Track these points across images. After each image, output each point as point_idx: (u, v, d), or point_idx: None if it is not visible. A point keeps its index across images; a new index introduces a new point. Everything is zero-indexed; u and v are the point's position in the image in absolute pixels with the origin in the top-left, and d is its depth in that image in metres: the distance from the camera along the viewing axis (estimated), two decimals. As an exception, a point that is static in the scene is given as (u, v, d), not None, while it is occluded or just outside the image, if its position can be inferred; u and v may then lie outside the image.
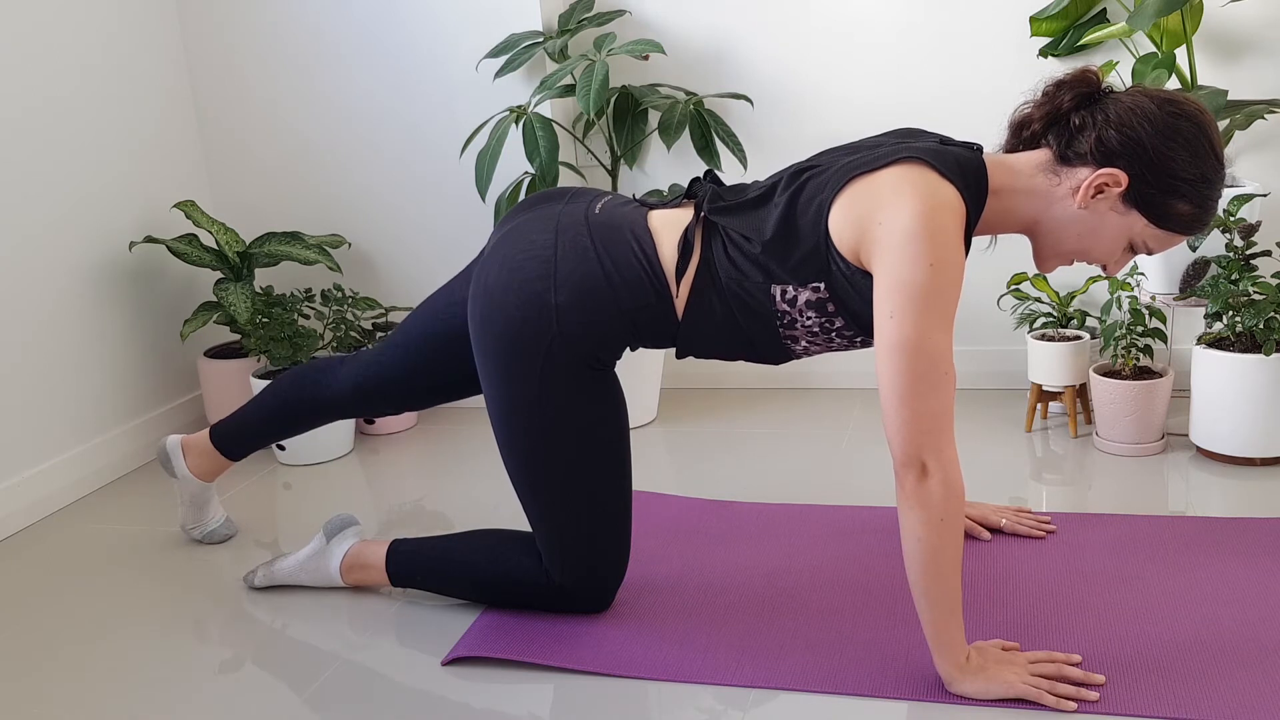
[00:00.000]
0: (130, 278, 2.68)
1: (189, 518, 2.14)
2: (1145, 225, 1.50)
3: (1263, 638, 1.56)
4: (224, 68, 2.87)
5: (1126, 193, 1.47)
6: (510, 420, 1.65)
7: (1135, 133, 1.45)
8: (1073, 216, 1.51)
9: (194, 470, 2.06)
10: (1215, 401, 2.15)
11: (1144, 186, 1.46)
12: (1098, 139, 1.46)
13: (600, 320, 1.59)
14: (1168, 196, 1.47)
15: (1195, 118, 1.46)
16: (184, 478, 2.07)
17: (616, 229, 1.62)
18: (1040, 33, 2.47)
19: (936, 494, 1.40)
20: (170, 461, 2.07)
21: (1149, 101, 1.46)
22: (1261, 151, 2.48)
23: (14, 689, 1.70)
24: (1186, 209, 1.48)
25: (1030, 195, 1.52)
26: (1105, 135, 1.46)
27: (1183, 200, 1.47)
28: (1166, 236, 1.52)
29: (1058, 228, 1.53)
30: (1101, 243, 1.52)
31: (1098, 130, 1.47)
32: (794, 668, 1.57)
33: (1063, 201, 1.51)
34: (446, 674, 1.65)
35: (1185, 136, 1.45)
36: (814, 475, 2.30)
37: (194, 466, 2.06)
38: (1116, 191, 1.47)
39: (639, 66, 2.81)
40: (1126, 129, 1.45)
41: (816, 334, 1.58)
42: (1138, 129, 1.45)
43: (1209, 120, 1.47)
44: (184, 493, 2.11)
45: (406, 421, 2.79)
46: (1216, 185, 1.48)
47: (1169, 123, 1.45)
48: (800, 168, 1.57)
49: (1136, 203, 1.48)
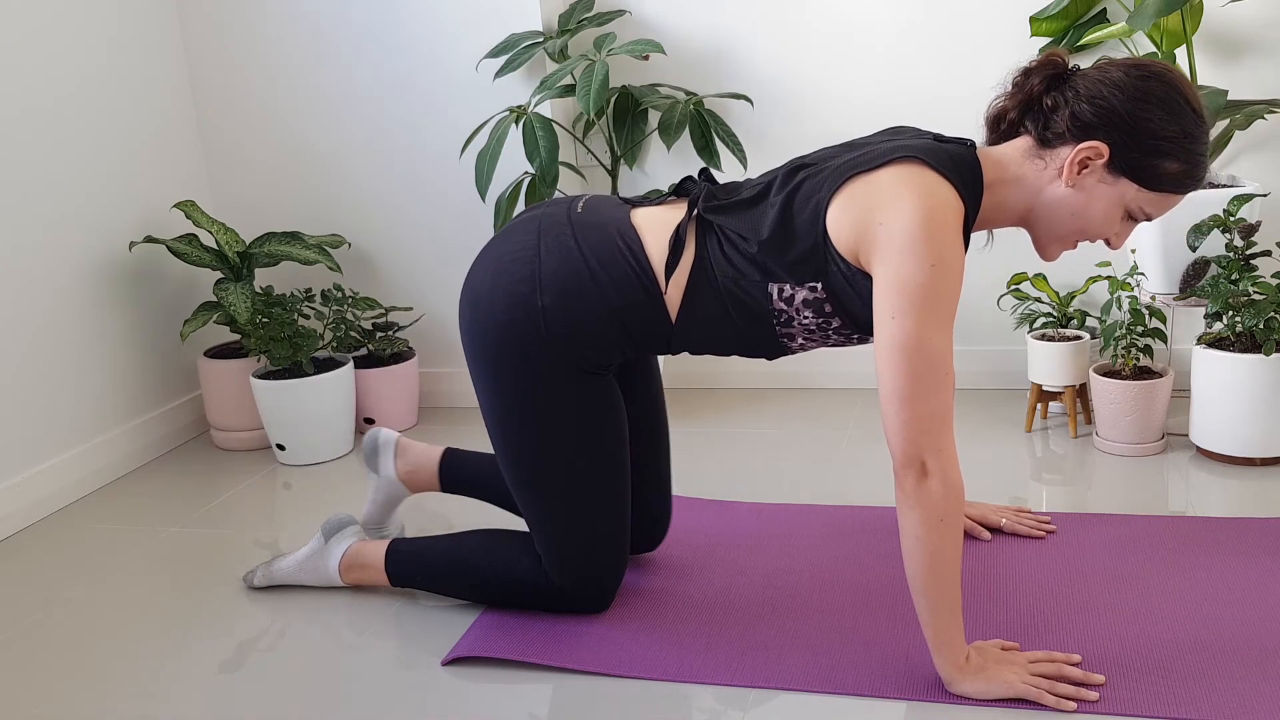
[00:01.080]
0: (130, 278, 2.68)
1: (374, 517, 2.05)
2: (1137, 191, 1.48)
3: (1263, 638, 1.56)
4: (224, 68, 2.87)
5: (1111, 162, 1.46)
6: (503, 424, 1.65)
7: (1107, 102, 1.44)
8: (1063, 196, 1.50)
9: (402, 475, 1.99)
10: (1215, 401, 2.15)
11: (1127, 152, 1.45)
12: (1071, 115, 1.46)
13: (588, 320, 1.59)
14: (1152, 158, 1.45)
15: (1163, 76, 1.45)
16: (388, 479, 2.00)
17: (600, 227, 1.62)
18: (1040, 33, 2.47)
19: (936, 494, 1.40)
20: (377, 457, 2.00)
21: (1116, 70, 1.46)
22: (1261, 151, 2.48)
23: (14, 689, 1.70)
24: (1174, 166, 1.46)
25: (1019, 184, 1.52)
26: (1078, 110, 1.46)
27: (1168, 159, 1.45)
28: (1161, 198, 1.50)
29: (1050, 211, 1.52)
30: (1096, 216, 1.51)
31: (1070, 106, 1.47)
32: (794, 668, 1.57)
33: (1052, 185, 1.50)
34: (446, 674, 1.65)
35: (1157, 96, 1.44)
36: (814, 475, 2.30)
37: (404, 473, 1.99)
38: (1101, 163, 1.46)
39: (639, 66, 2.80)
40: (1098, 100, 1.45)
41: (813, 332, 1.58)
42: (1109, 97, 1.44)
43: (1179, 76, 1.46)
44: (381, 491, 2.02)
45: (407, 421, 2.79)
46: (1199, 139, 1.46)
47: (1138, 85, 1.44)
48: (795, 166, 1.57)
49: (1123, 169, 1.47)
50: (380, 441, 2.00)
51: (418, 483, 2.00)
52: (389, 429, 1.99)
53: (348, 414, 2.63)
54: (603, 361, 1.63)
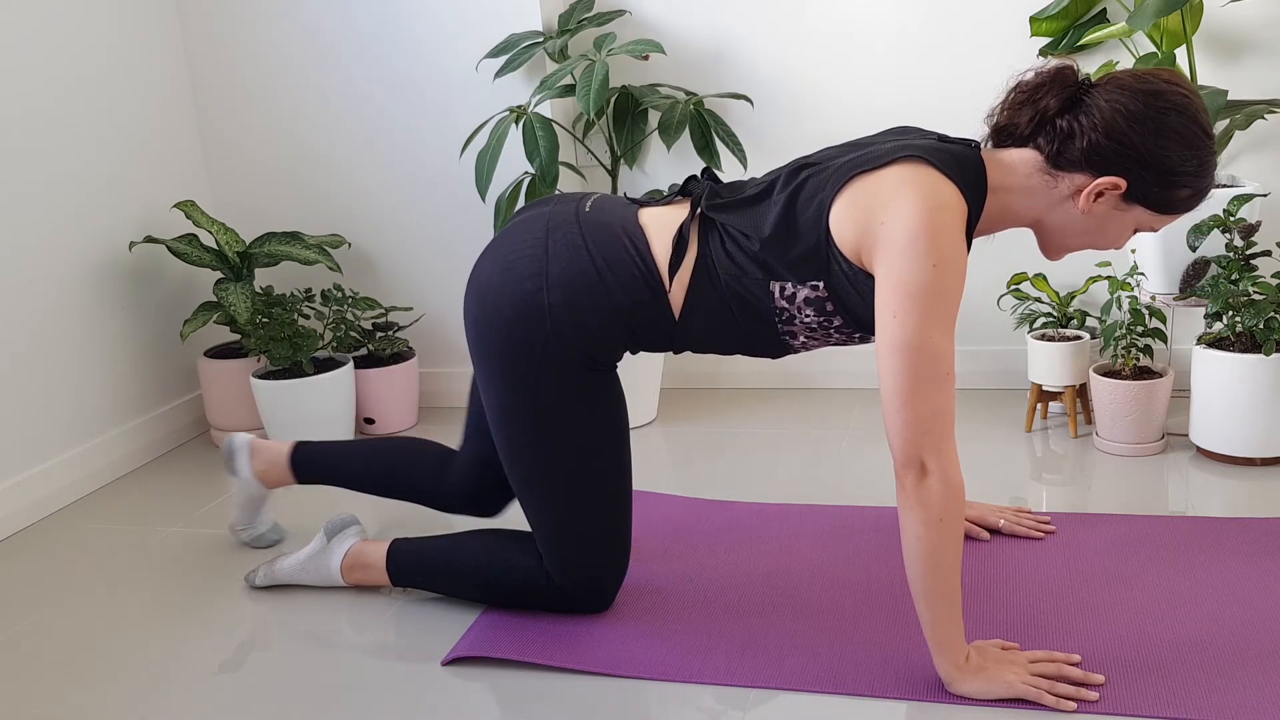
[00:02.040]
0: (130, 278, 2.68)
1: (241, 519, 2.11)
2: (1149, 215, 1.52)
3: (1263, 638, 1.56)
4: (224, 68, 2.87)
5: (1127, 193, 1.48)
6: (508, 421, 1.65)
7: (1128, 138, 1.43)
8: (1075, 218, 1.52)
9: (259, 474, 2.03)
10: (1215, 401, 2.15)
11: (1143, 186, 1.47)
12: (1091, 147, 1.45)
13: (594, 320, 1.59)
14: (1167, 189, 1.47)
15: (1183, 108, 1.44)
16: (246, 479, 2.05)
17: (607, 226, 1.62)
18: (1040, 33, 2.47)
19: (936, 493, 1.40)
20: (235, 459, 2.04)
21: (1132, 100, 1.43)
22: (1261, 151, 2.48)
23: (14, 689, 1.70)
24: (1187, 194, 1.49)
25: (1028, 194, 1.52)
26: (1097, 143, 1.44)
27: (1183, 189, 1.48)
28: (1170, 218, 1.54)
29: (1062, 228, 1.54)
30: (1107, 237, 1.55)
31: (1088, 137, 1.44)
32: (794, 668, 1.57)
33: (1063, 204, 1.51)
34: (446, 674, 1.65)
35: (1176, 131, 1.43)
36: (814, 475, 2.30)
37: (260, 471, 2.03)
38: (1117, 194, 1.48)
39: (639, 66, 2.81)
40: (1118, 135, 1.43)
41: (815, 330, 1.58)
42: (1129, 134, 1.43)
43: (1195, 104, 1.45)
44: (242, 493, 2.07)
45: (407, 421, 2.79)
46: (1212, 164, 1.48)
47: (1159, 120, 1.43)
48: (799, 165, 1.57)
49: (1138, 199, 1.49)
50: (236, 445, 2.04)
51: (272, 478, 2.04)
52: (245, 434, 2.05)
53: (348, 414, 2.63)
54: (605, 359, 1.64)
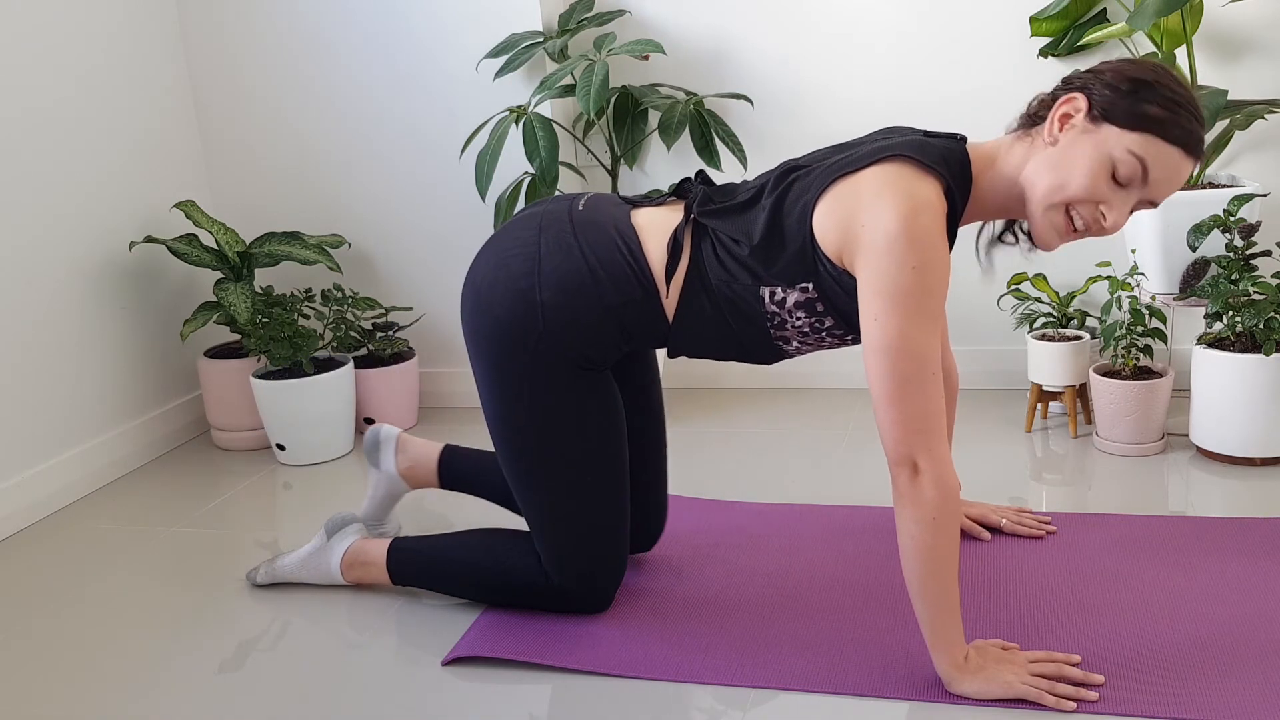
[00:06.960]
0: (130, 278, 2.68)
1: (374, 514, 2.05)
2: (1119, 134, 1.44)
3: (1263, 638, 1.56)
4: (224, 68, 2.87)
5: (1091, 110, 1.46)
6: (503, 420, 1.65)
7: (1089, 71, 1.50)
8: (1045, 155, 1.49)
9: (403, 472, 2.00)
10: (1215, 401, 2.15)
11: (1105, 100, 1.45)
12: (1054, 89, 1.53)
13: (586, 318, 1.60)
14: (1131, 100, 1.44)
15: (1146, 61, 1.50)
16: (390, 475, 2.01)
17: (600, 225, 1.63)
18: (1040, 33, 2.47)
19: (928, 493, 1.40)
20: (380, 452, 2.01)
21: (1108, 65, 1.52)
22: (1261, 151, 2.48)
23: (14, 689, 1.70)
24: (1156, 110, 1.43)
25: (1007, 163, 1.53)
26: (1067, 80, 1.52)
27: (1148, 104, 1.43)
28: (1145, 141, 1.44)
29: (1035, 173, 1.49)
30: (1078, 168, 1.45)
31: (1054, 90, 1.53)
32: (794, 668, 1.57)
33: (1038, 153, 1.50)
34: (446, 674, 1.65)
35: (1137, 63, 1.48)
36: (814, 475, 2.30)
37: (405, 468, 2.00)
38: (1081, 114, 1.46)
39: (639, 66, 2.81)
40: (1080, 72, 1.52)
41: (807, 334, 1.59)
42: (1092, 70, 1.51)
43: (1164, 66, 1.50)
44: (379, 487, 2.02)
45: (407, 421, 2.79)
46: (1179, 91, 1.45)
47: (1120, 61, 1.50)
48: (788, 168, 1.58)
49: (1104, 114, 1.45)
50: (382, 437, 2.01)
51: (417, 479, 2.01)
52: (390, 425, 2.00)
53: (348, 414, 2.63)
54: (600, 358, 1.64)
